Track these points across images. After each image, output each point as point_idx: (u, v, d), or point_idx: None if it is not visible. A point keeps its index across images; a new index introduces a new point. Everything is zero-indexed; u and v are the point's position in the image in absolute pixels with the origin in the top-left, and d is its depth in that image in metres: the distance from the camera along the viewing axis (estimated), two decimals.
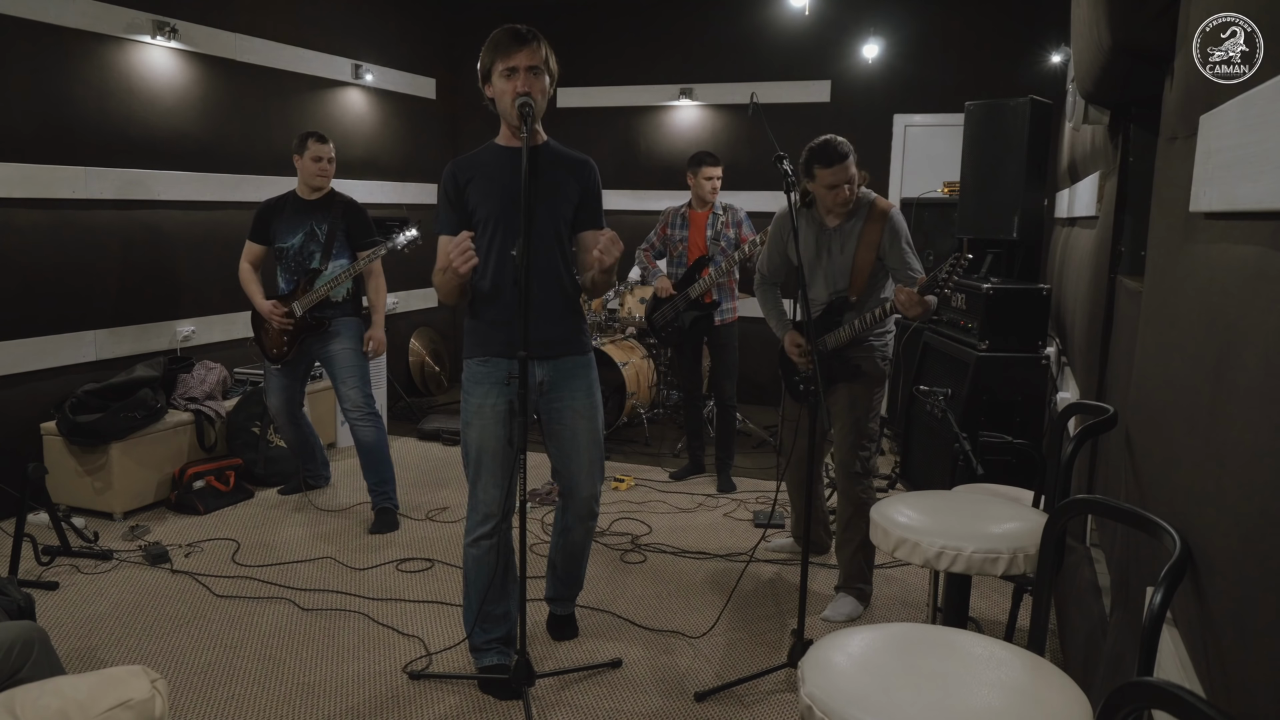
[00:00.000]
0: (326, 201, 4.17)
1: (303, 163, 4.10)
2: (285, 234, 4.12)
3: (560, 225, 2.68)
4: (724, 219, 4.60)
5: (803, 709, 1.36)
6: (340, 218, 4.15)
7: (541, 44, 2.54)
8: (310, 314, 4.09)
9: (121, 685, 1.68)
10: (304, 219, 4.12)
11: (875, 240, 3.12)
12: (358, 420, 4.11)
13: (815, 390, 2.66)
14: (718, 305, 4.58)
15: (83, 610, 3.20)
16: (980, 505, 2.29)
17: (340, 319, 4.15)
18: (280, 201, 4.19)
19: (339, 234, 4.14)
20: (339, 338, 4.14)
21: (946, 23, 6.10)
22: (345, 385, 4.13)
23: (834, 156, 3.04)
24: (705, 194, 4.61)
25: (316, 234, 4.13)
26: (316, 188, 4.15)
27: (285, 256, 4.14)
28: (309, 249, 4.12)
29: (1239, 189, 1.14)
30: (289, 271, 4.15)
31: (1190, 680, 1.26)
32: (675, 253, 4.75)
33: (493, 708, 2.62)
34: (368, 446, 4.11)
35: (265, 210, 4.18)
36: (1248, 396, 1.09)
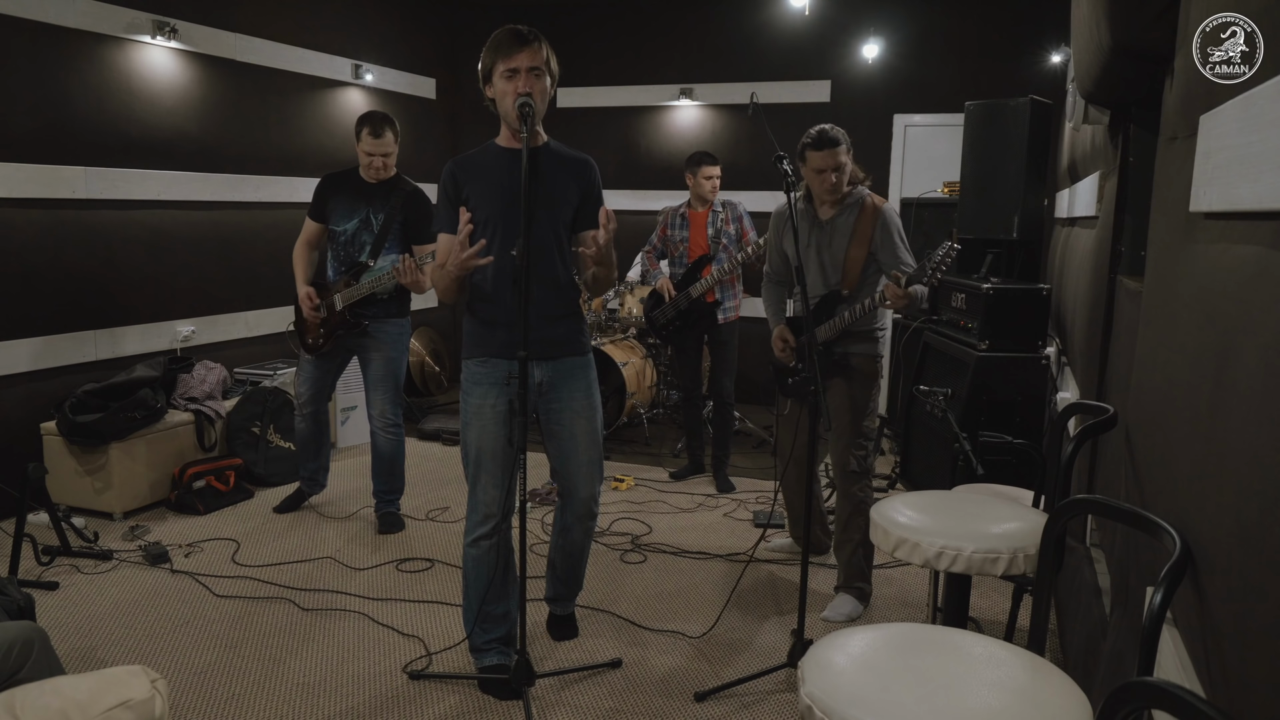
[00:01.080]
0: (389, 188, 3.90)
1: (359, 152, 3.87)
2: (340, 216, 3.90)
3: (560, 226, 2.69)
4: (723, 215, 4.60)
5: (803, 709, 1.36)
6: (400, 208, 3.88)
7: (542, 45, 2.54)
8: (350, 310, 3.88)
9: (121, 685, 1.68)
10: (362, 204, 3.88)
11: (868, 234, 3.14)
12: (380, 429, 4.05)
13: (815, 391, 2.66)
14: (720, 304, 4.59)
15: (83, 610, 3.20)
16: (980, 505, 2.29)
17: (385, 321, 3.95)
18: (342, 178, 3.94)
19: (395, 226, 3.88)
20: (380, 343, 3.96)
21: (946, 23, 6.10)
22: (376, 393, 4.03)
23: (825, 141, 3.12)
24: (705, 193, 4.61)
25: (371, 222, 3.88)
26: (374, 179, 3.91)
27: (336, 242, 3.91)
28: (361, 239, 3.89)
29: (1239, 189, 1.14)
30: (338, 260, 3.93)
31: (1190, 680, 1.26)
32: (676, 253, 4.75)
33: (493, 708, 2.62)
34: (385, 456, 4.08)
35: (325, 185, 3.94)
36: (1247, 396, 1.09)
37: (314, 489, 4.35)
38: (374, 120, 3.85)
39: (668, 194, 6.54)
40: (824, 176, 3.14)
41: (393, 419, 4.05)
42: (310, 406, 4.12)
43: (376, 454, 4.10)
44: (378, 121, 3.84)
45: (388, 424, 4.04)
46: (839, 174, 3.15)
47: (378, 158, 3.85)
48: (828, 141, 3.11)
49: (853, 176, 3.21)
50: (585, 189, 2.71)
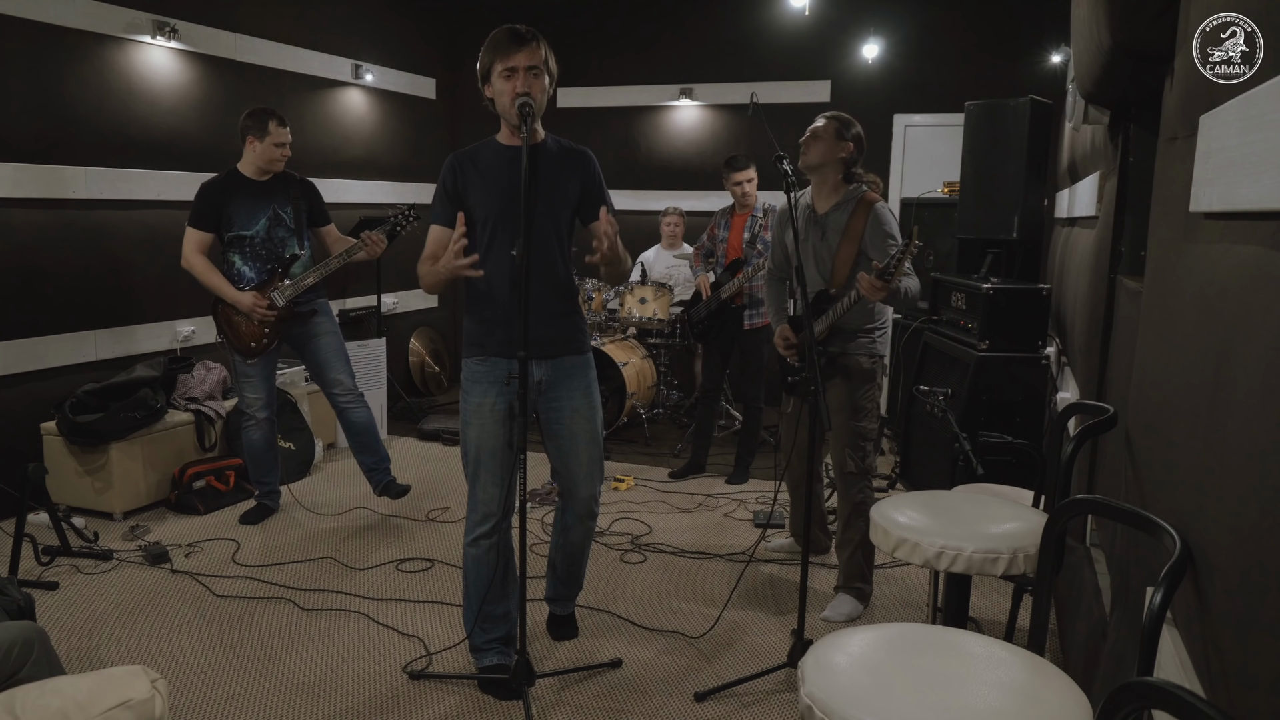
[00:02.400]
0: (282, 183, 3.92)
1: (262, 147, 3.82)
2: (245, 220, 3.84)
3: (560, 224, 2.68)
4: (762, 221, 4.58)
5: (803, 709, 1.36)
6: (302, 197, 3.95)
7: (541, 44, 2.54)
8: (294, 303, 3.92)
9: (121, 685, 1.68)
10: (264, 202, 3.86)
11: (858, 232, 3.13)
12: (349, 404, 4.07)
13: (816, 391, 2.66)
14: (747, 308, 4.58)
15: (83, 610, 3.20)
16: (980, 505, 2.29)
17: (316, 301, 4.01)
18: (229, 182, 3.86)
19: (303, 215, 3.94)
20: (323, 322, 4.02)
21: (946, 23, 6.10)
22: (335, 371, 4.04)
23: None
24: (738, 198, 4.63)
25: (283, 218, 3.89)
26: (270, 171, 3.90)
27: (248, 244, 3.86)
28: (278, 235, 3.89)
29: (1239, 189, 1.14)
30: (257, 260, 3.88)
31: (1190, 680, 1.26)
32: (719, 253, 4.79)
33: (493, 708, 2.62)
34: (361, 428, 4.09)
35: (213, 195, 3.82)
36: (1248, 396, 1.09)
37: (275, 502, 4.23)
38: (275, 112, 3.87)
39: (668, 194, 6.55)
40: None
41: (355, 389, 4.10)
42: (266, 411, 4.04)
43: (352, 430, 4.10)
44: (279, 113, 3.89)
45: (353, 396, 4.08)
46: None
47: (286, 147, 3.89)
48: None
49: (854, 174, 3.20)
50: (585, 182, 2.71)
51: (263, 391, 4.01)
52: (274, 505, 4.23)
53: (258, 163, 3.87)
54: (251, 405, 4.02)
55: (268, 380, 4.03)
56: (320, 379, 4.11)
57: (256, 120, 3.84)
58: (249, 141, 3.85)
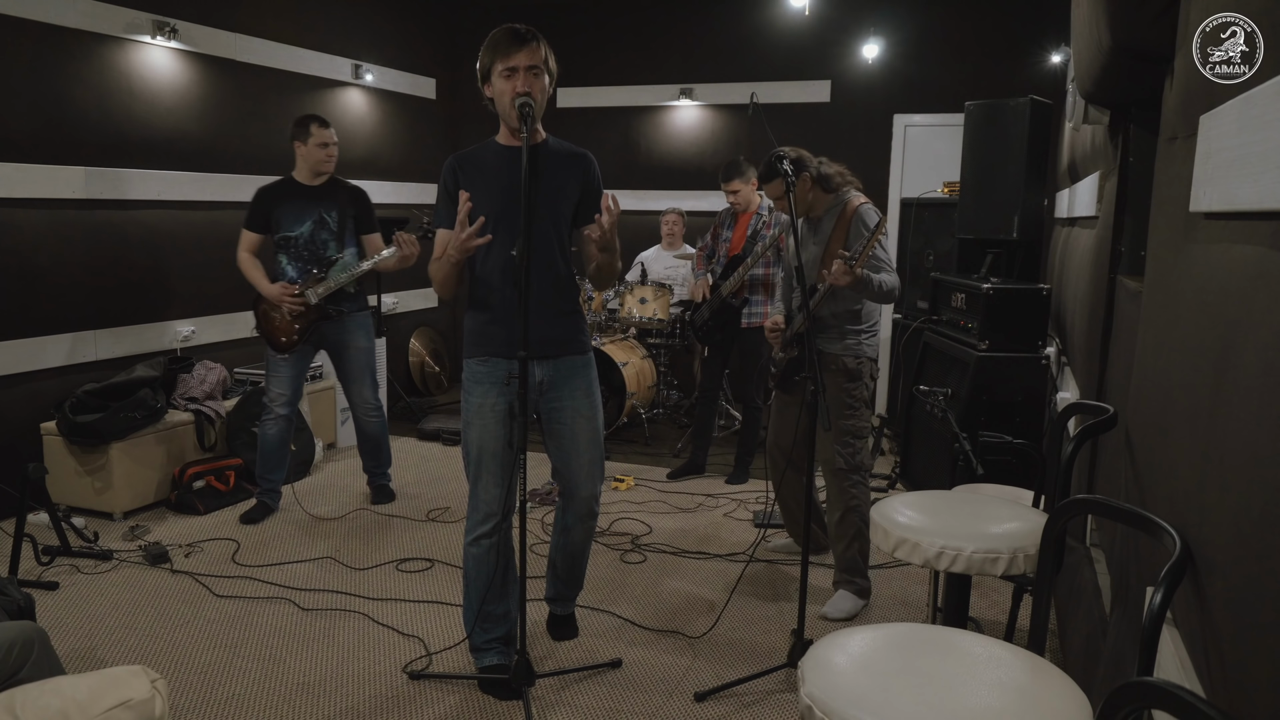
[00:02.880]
0: (331, 188, 4.11)
1: (307, 149, 4.02)
2: (292, 222, 4.04)
3: (560, 224, 2.69)
4: (766, 220, 4.57)
5: (803, 709, 1.36)
6: (349, 205, 4.12)
7: (541, 44, 2.54)
8: (326, 304, 4.07)
9: (121, 685, 1.68)
10: (311, 206, 4.05)
11: (843, 235, 3.21)
12: (364, 416, 4.32)
13: (815, 391, 2.66)
14: (745, 305, 4.57)
15: (83, 610, 3.20)
16: (980, 505, 2.29)
17: (354, 314, 4.18)
18: (280, 188, 4.08)
19: (349, 220, 4.12)
20: (355, 336, 4.19)
21: (946, 23, 6.10)
22: (360, 384, 4.27)
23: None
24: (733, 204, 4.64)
25: (327, 222, 4.07)
26: (321, 173, 4.08)
27: (293, 245, 4.05)
28: (320, 237, 4.07)
29: (1239, 189, 1.14)
30: (299, 260, 4.06)
31: (1190, 680, 1.26)
32: (720, 252, 4.78)
33: (493, 708, 2.62)
34: (372, 437, 4.37)
35: (265, 197, 4.06)
36: (1248, 396, 1.09)
37: (276, 503, 4.24)
38: (316, 116, 4.10)
39: (668, 194, 6.55)
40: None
41: (375, 404, 4.35)
42: (287, 408, 4.12)
43: (363, 436, 4.37)
44: (321, 116, 4.09)
45: (371, 409, 4.33)
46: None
47: (331, 146, 4.05)
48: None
49: (839, 178, 3.27)
50: (585, 184, 2.72)
51: (287, 389, 4.13)
52: (274, 505, 4.24)
53: (307, 166, 4.07)
54: (274, 400, 4.13)
55: (294, 380, 4.15)
56: (346, 389, 4.35)
57: (299, 125, 4.05)
58: (296, 147, 4.06)
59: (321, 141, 4.01)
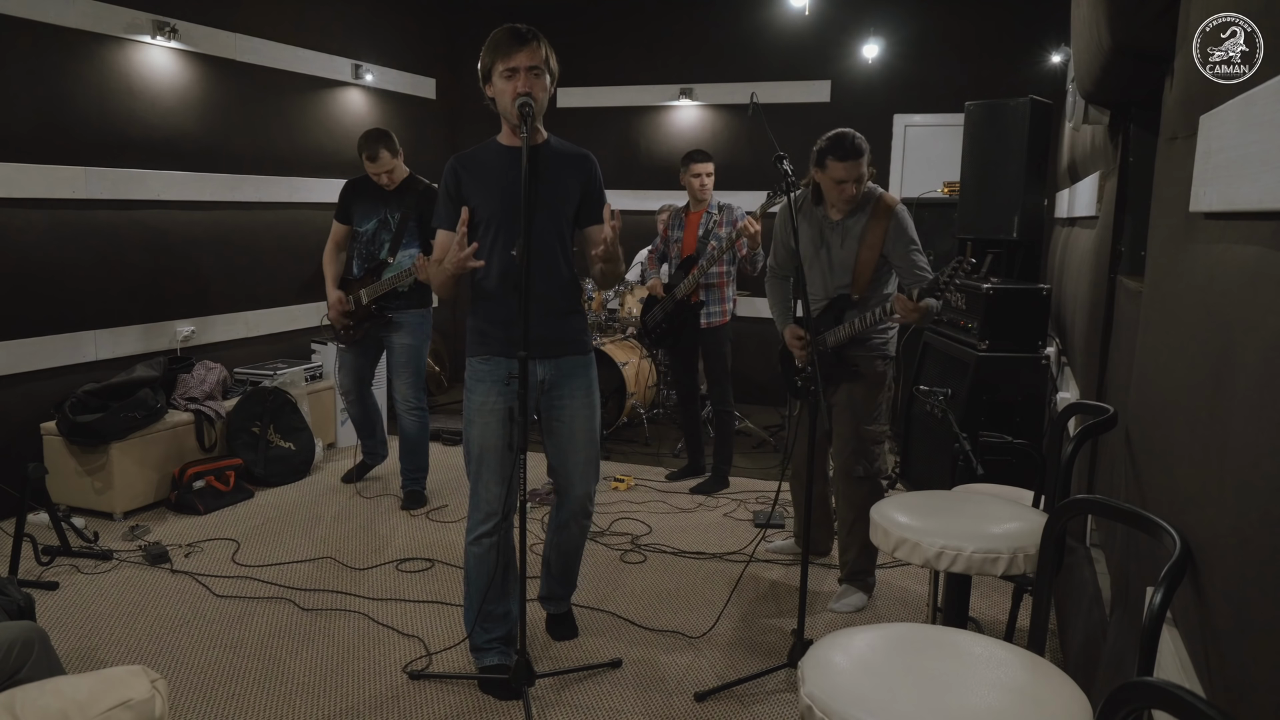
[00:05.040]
0: (404, 189, 4.22)
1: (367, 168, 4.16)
2: (362, 218, 4.24)
3: (562, 224, 2.69)
4: (717, 218, 4.50)
5: (803, 709, 1.36)
6: (415, 206, 4.19)
7: (542, 44, 2.54)
8: (376, 303, 4.21)
9: (121, 685, 1.68)
10: (379, 206, 4.21)
11: (879, 239, 3.10)
12: (404, 412, 4.39)
13: (815, 390, 2.66)
14: (703, 306, 4.52)
15: (83, 610, 3.20)
16: (980, 505, 2.29)
17: (406, 311, 4.25)
18: (362, 183, 4.26)
19: (411, 222, 4.20)
20: (402, 332, 4.27)
21: (946, 23, 6.10)
22: (399, 379, 4.35)
23: (850, 151, 3.00)
24: (695, 191, 4.53)
25: (389, 222, 4.22)
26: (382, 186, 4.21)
27: (359, 241, 4.26)
28: (380, 238, 4.21)
29: (1239, 189, 1.14)
30: (361, 258, 4.26)
31: (1190, 680, 1.26)
32: (673, 253, 4.71)
33: (493, 708, 2.62)
34: (411, 436, 4.38)
35: (347, 190, 4.28)
36: (1247, 396, 1.09)
37: (375, 460, 4.72)
38: (369, 144, 4.13)
39: (668, 194, 6.54)
40: (843, 187, 3.04)
41: (415, 402, 4.37)
42: (353, 393, 4.45)
43: (402, 435, 4.40)
44: (371, 144, 4.13)
45: (410, 407, 4.36)
46: (859, 185, 3.05)
47: (382, 175, 4.17)
48: (854, 152, 2.99)
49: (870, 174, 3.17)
50: (586, 184, 2.72)
51: (350, 377, 4.41)
52: (374, 463, 4.70)
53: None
54: (340, 386, 4.53)
55: (357, 370, 4.41)
56: (389, 382, 4.50)
57: (358, 146, 4.14)
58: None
59: (372, 172, 4.15)
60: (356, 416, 4.57)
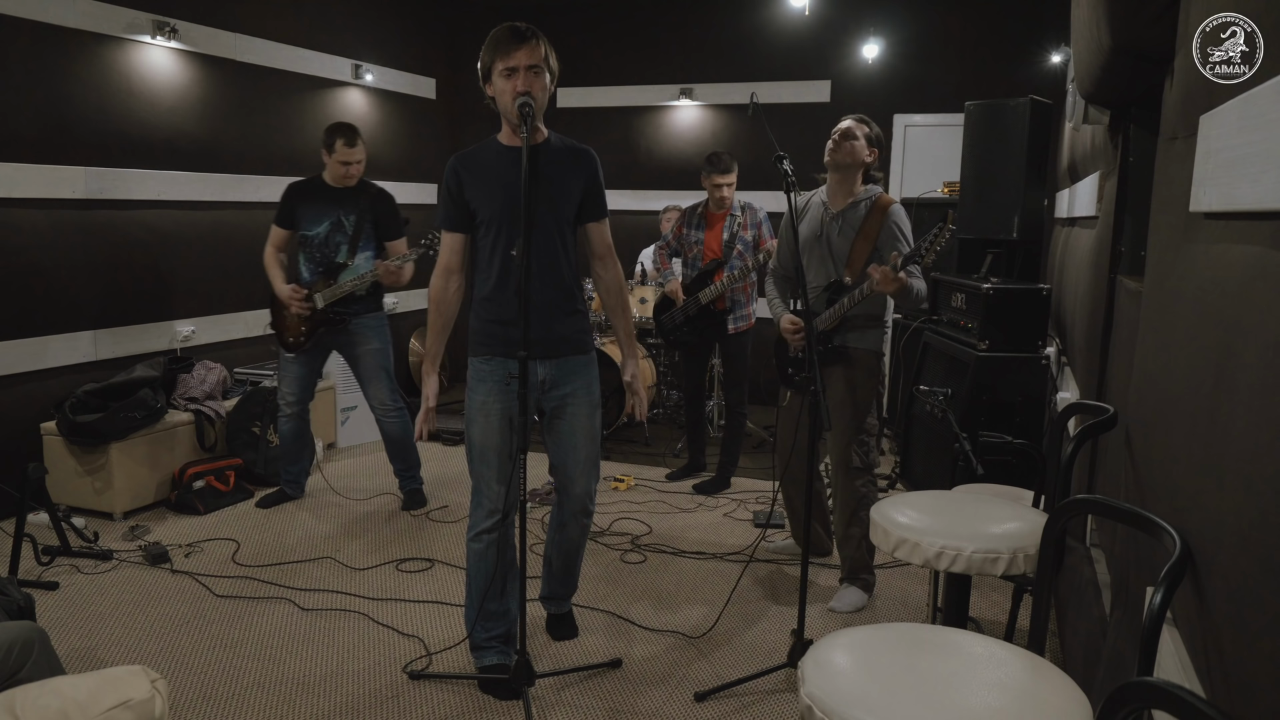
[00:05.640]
0: (355, 191, 4.11)
1: (330, 162, 4.05)
2: (310, 221, 4.08)
3: (563, 224, 2.69)
4: (741, 220, 4.45)
5: (803, 709, 1.36)
6: (369, 208, 4.10)
7: (541, 42, 2.54)
8: (332, 308, 4.08)
9: (121, 685, 1.68)
10: (331, 208, 4.08)
11: (874, 231, 3.20)
12: (383, 417, 4.28)
13: (815, 391, 2.66)
14: (730, 312, 4.47)
15: (83, 610, 3.20)
16: (980, 505, 2.29)
17: (365, 316, 4.16)
18: (308, 185, 4.13)
19: (367, 225, 4.11)
20: (367, 339, 4.18)
21: (946, 23, 6.10)
22: (373, 385, 4.24)
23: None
24: (716, 200, 4.48)
25: (343, 225, 4.09)
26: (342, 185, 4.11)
27: (309, 245, 4.10)
28: (335, 240, 4.09)
29: (1239, 189, 1.14)
30: (312, 261, 4.11)
31: (1190, 680, 1.26)
32: (690, 254, 4.59)
33: (493, 708, 2.62)
34: (395, 438, 4.32)
35: (292, 194, 4.12)
36: (1248, 396, 1.09)
37: (297, 492, 4.45)
38: (346, 131, 4.05)
39: (668, 194, 6.55)
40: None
41: (393, 404, 4.27)
42: (295, 407, 4.27)
43: (386, 438, 4.33)
44: (350, 132, 4.06)
45: (389, 410, 4.27)
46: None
47: (353, 165, 4.05)
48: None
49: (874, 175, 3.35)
50: (587, 181, 2.72)
51: (295, 387, 4.24)
52: (294, 493, 4.42)
53: (330, 175, 4.09)
54: (283, 398, 4.27)
55: (303, 379, 4.24)
56: (363, 391, 4.34)
57: (328, 136, 4.06)
58: (323, 155, 4.07)
59: (343, 160, 4.02)
60: (290, 434, 4.28)
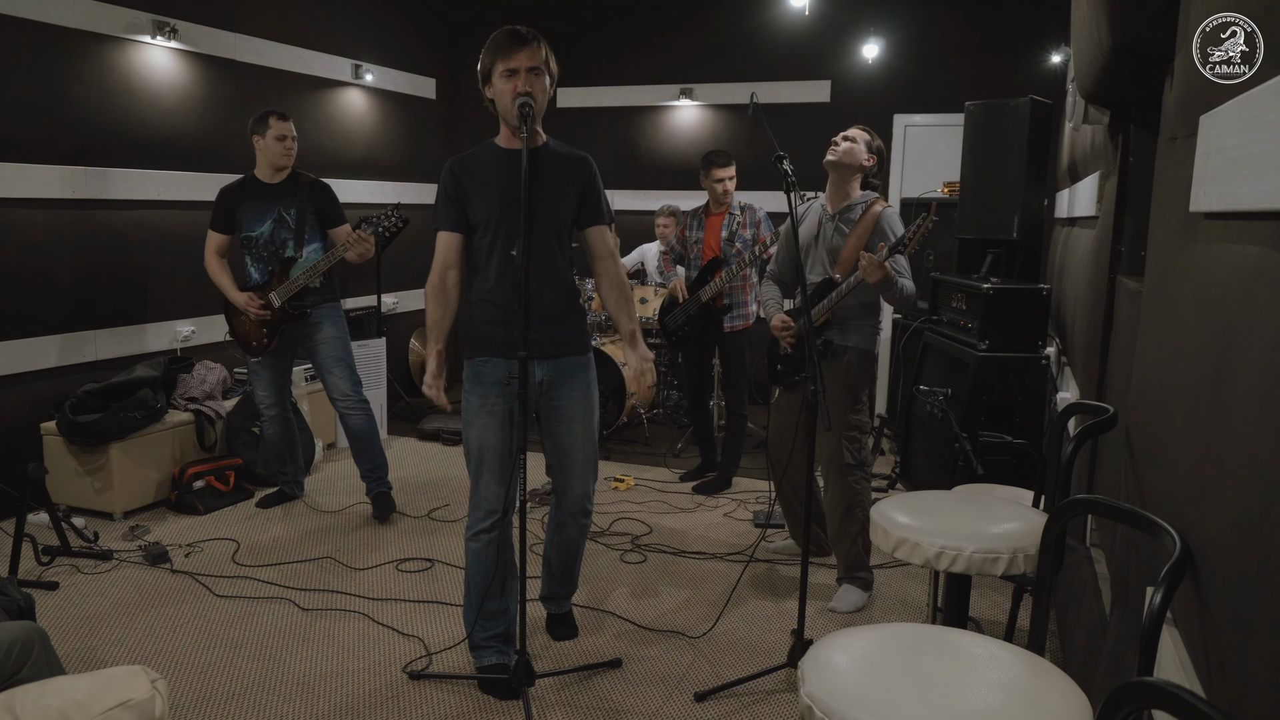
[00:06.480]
0: (291, 184, 3.99)
1: (265, 143, 3.91)
2: (252, 221, 3.96)
3: (561, 226, 2.69)
4: (740, 219, 4.46)
5: (803, 709, 1.36)
6: (308, 199, 3.97)
7: (541, 45, 2.54)
8: (289, 303, 3.99)
9: (121, 685, 1.68)
10: (270, 204, 3.95)
11: (866, 233, 3.23)
12: (346, 409, 4.14)
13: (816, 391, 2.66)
14: (728, 310, 4.48)
15: (83, 610, 3.20)
16: (980, 505, 2.29)
17: (321, 306, 4.06)
18: (240, 187, 4.00)
19: (309, 216, 3.97)
20: (322, 328, 4.07)
21: (946, 23, 6.10)
22: (332, 375, 4.11)
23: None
24: (717, 196, 4.49)
25: (286, 220, 3.96)
26: (280, 168, 3.97)
27: (254, 245, 3.98)
28: (280, 236, 3.97)
29: (1239, 189, 1.14)
30: (261, 261, 4.00)
31: (1190, 680, 1.26)
32: (691, 254, 4.64)
33: (493, 707, 2.62)
34: (357, 434, 4.16)
35: (225, 197, 3.99)
36: (1248, 396, 1.09)
37: (297, 491, 4.41)
38: (274, 110, 3.97)
39: (668, 194, 6.55)
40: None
41: (355, 395, 4.15)
42: (275, 409, 4.20)
43: (350, 435, 4.18)
44: (279, 110, 3.97)
45: (351, 401, 4.14)
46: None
47: (288, 140, 3.94)
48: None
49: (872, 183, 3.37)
50: (585, 187, 2.72)
51: (270, 390, 4.16)
52: (293, 493, 4.37)
53: (266, 162, 3.97)
54: (261, 403, 4.19)
55: (275, 380, 4.16)
56: (322, 381, 4.21)
57: (258, 119, 3.95)
58: (255, 142, 3.96)
59: (279, 134, 3.90)
60: (275, 435, 4.23)
